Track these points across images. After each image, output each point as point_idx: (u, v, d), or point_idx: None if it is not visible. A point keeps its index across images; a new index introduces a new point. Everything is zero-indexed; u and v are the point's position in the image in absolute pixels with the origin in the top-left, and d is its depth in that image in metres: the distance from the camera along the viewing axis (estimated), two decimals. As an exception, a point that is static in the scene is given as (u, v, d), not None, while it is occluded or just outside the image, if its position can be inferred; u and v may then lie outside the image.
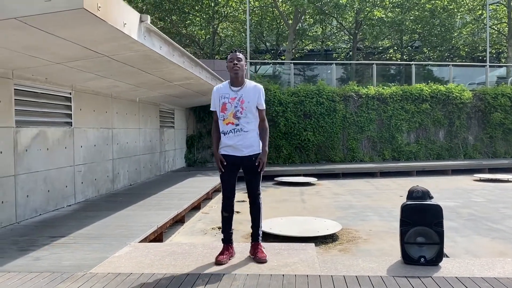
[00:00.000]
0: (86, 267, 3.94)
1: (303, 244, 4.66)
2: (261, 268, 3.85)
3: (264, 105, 4.20)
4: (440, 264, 3.88)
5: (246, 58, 4.23)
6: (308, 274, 3.69)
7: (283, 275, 3.66)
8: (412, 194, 3.98)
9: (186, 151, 15.56)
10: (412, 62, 19.10)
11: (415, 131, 16.94)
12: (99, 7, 3.99)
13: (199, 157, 15.73)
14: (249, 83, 4.15)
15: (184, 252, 4.42)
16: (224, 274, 3.70)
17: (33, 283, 3.54)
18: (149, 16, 5.25)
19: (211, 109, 4.20)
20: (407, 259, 3.91)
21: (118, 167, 9.53)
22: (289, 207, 9.01)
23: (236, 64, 4.00)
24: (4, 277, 3.69)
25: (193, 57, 8.01)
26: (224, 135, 4.09)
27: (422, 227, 3.86)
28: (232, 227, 4.29)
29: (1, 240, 5.03)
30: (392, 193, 10.81)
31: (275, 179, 13.13)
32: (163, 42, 6.06)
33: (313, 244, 4.65)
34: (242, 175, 4.21)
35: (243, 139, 4.04)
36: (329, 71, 18.16)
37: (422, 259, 3.85)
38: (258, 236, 4.23)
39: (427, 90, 16.77)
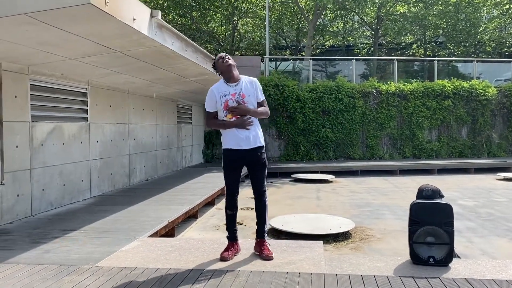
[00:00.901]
0: (93, 260, 3.99)
1: (311, 241, 4.60)
2: (265, 265, 3.82)
3: (262, 96, 4.19)
4: (449, 264, 3.77)
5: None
6: (313, 272, 3.63)
7: (286, 272, 3.62)
8: (422, 192, 3.88)
9: (203, 147, 15.62)
10: (435, 58, 18.69)
11: (437, 128, 16.59)
12: (107, 2, 4.01)
13: (217, 153, 15.77)
14: (244, 78, 4.14)
15: (191, 247, 4.43)
16: (227, 270, 3.69)
17: (39, 275, 3.59)
18: (160, 12, 5.26)
19: (207, 109, 4.15)
20: (416, 259, 3.81)
21: (135, 162, 9.63)
22: (304, 204, 8.94)
23: (228, 61, 4.02)
24: (13, 269, 3.76)
25: (207, 52, 8.01)
26: (230, 129, 4.05)
27: (431, 227, 3.75)
28: (237, 224, 4.29)
29: (16, 232, 5.14)
30: (410, 192, 10.60)
31: (292, 175, 13.06)
32: (175, 37, 6.07)
33: (321, 242, 4.59)
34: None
35: (248, 131, 4.03)
36: (350, 67, 17.93)
37: (431, 260, 3.75)
38: (263, 233, 4.20)
39: (449, 87, 16.38)
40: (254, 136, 4.07)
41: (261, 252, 4.10)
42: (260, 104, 4.16)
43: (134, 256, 4.12)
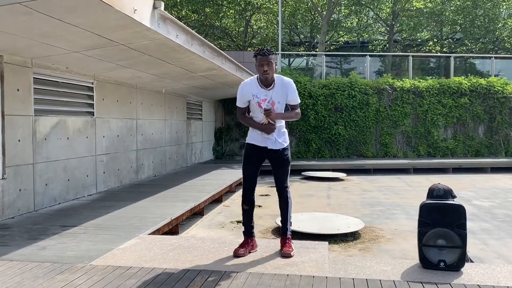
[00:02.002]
0: (88, 258, 3.86)
1: (316, 242, 4.41)
2: (266, 266, 3.64)
3: (298, 100, 4.07)
4: (461, 269, 3.54)
5: (275, 54, 4.01)
6: (315, 275, 3.44)
7: (287, 275, 3.44)
8: (432, 192, 3.65)
9: (214, 144, 15.49)
10: (451, 55, 18.23)
11: (453, 126, 16.18)
12: (104, -9, 3.86)
13: (227, 150, 15.64)
14: (278, 81, 3.98)
15: (190, 246, 4.27)
16: (225, 271, 3.52)
17: (31, 273, 3.47)
18: (162, 3, 5.09)
19: (237, 104, 4.08)
20: (425, 263, 3.59)
21: (143, 157, 9.53)
22: (313, 203, 8.73)
23: (267, 70, 3.84)
24: (6, 266, 3.65)
25: (215, 47, 7.84)
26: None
27: (442, 229, 3.53)
28: (253, 220, 4.20)
29: (16, 227, 5.05)
30: (423, 191, 10.24)
31: (303, 173, 12.85)
32: (181, 30, 5.91)
33: (327, 243, 4.39)
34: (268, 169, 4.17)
35: (277, 132, 4.01)
36: (365, 64, 17.58)
37: (442, 264, 3.52)
38: (286, 231, 4.09)
39: (466, 84, 15.95)
40: (278, 138, 4.03)
41: (281, 248, 4.03)
42: (293, 107, 4.07)
43: (131, 254, 3.98)
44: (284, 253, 3.93)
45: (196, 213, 7.23)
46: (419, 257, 3.63)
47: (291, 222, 4.17)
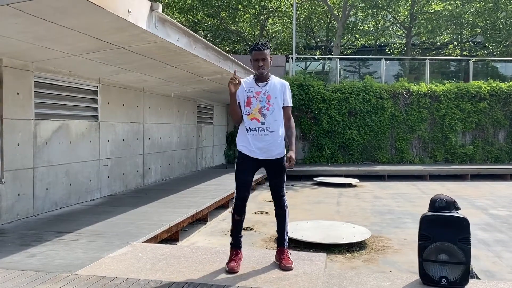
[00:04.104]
0: (75, 267, 3.74)
1: (313, 254, 4.20)
2: (256, 280, 3.45)
3: (290, 102, 3.91)
4: (465, 287, 3.30)
5: (270, 49, 3.86)
6: (306, 290, 3.25)
7: (277, 290, 3.25)
8: (434, 203, 3.41)
9: (226, 148, 15.37)
10: (470, 58, 17.72)
11: (471, 131, 15.70)
12: (94, -8, 3.76)
13: (239, 154, 15.47)
14: (274, 79, 3.89)
15: (182, 256, 4.11)
16: (212, 285, 3.35)
17: (13, 283, 3.37)
18: (160, 5, 4.98)
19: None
20: (426, 279, 3.36)
21: (150, 162, 9.45)
22: (322, 210, 8.49)
23: (262, 65, 3.73)
24: (-11, 274, 3.55)
25: (221, 50, 7.71)
26: (247, 132, 3.78)
27: (444, 243, 3.29)
28: (243, 230, 3.96)
29: (10, 233, 4.98)
30: (438, 199, 9.95)
31: (314, 179, 12.59)
32: (181, 33, 5.79)
33: (325, 254, 4.18)
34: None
35: (269, 141, 3.74)
36: (384, 68, 17.22)
37: (444, 281, 3.28)
38: (283, 242, 3.90)
39: (485, 88, 15.46)
40: (274, 149, 3.78)
41: (280, 261, 3.81)
42: (286, 110, 3.87)
43: (119, 263, 3.85)
44: (284, 266, 3.72)
45: (200, 219, 7.09)
46: (419, 273, 3.40)
47: (287, 232, 3.98)
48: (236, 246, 3.87)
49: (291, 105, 3.92)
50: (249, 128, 3.77)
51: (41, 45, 5.06)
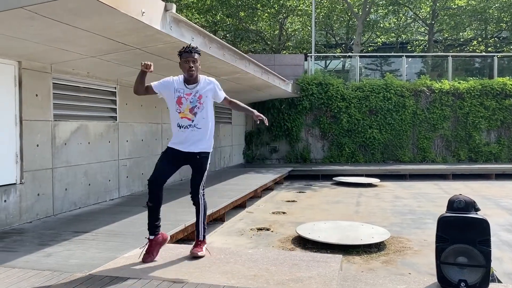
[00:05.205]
0: (89, 267, 3.76)
1: (328, 255, 4.13)
2: (269, 282, 3.40)
3: (224, 94, 4.19)
4: (486, 291, 3.18)
5: (200, 54, 4.08)
6: (320, 292, 3.18)
7: (289, 292, 3.20)
8: (453, 204, 3.30)
9: (244, 148, 15.35)
10: (494, 54, 17.24)
11: (496, 129, 15.28)
12: (106, -7, 3.77)
13: (258, 154, 15.45)
14: (202, 79, 4.08)
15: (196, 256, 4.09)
16: (224, 286, 3.31)
17: (28, 282, 3.41)
18: (174, 5, 4.98)
19: (153, 87, 4.08)
20: (444, 282, 3.25)
21: (168, 162, 9.48)
22: (340, 210, 8.38)
23: (192, 67, 3.94)
24: (6, 274, 3.60)
25: (237, 50, 7.68)
26: (180, 128, 3.97)
27: (463, 245, 3.18)
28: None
29: (29, 232, 5.06)
30: (461, 198, 9.70)
31: (334, 178, 12.45)
32: (196, 33, 5.78)
33: (341, 256, 4.10)
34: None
35: (195, 135, 3.96)
36: (406, 66, 16.92)
37: (463, 284, 3.17)
38: (198, 234, 4.15)
39: (510, 85, 15.02)
40: (198, 142, 3.99)
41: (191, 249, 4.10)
42: (227, 100, 4.23)
43: (133, 264, 3.85)
44: (192, 253, 4.01)
45: (216, 219, 7.09)
46: (437, 276, 3.29)
47: (205, 228, 4.15)
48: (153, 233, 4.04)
49: (225, 95, 4.20)
50: (181, 125, 3.96)
51: (57, 47, 5.12)
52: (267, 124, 4.26)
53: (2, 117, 5.27)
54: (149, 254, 3.93)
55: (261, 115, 4.15)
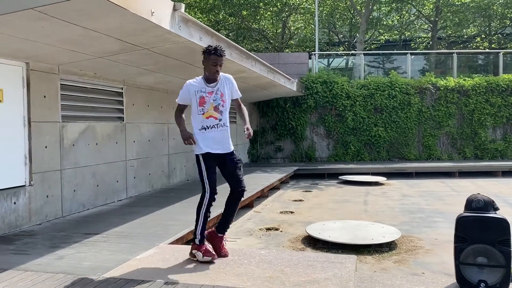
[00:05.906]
0: (103, 269, 3.73)
1: (343, 256, 4.10)
2: (284, 283, 3.37)
3: (240, 93, 4.26)
4: (506, 291, 3.14)
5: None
6: (338, 294, 3.15)
7: (307, 293, 3.16)
8: (471, 203, 3.26)
9: (249, 147, 15.31)
10: (499, 51, 17.16)
11: (502, 126, 15.21)
12: (116, -7, 3.73)
13: (262, 153, 15.41)
14: (221, 76, 4.09)
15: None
16: (241, 287, 3.28)
17: (42, 285, 3.38)
18: (183, 5, 4.94)
19: (178, 101, 4.17)
20: (463, 283, 3.21)
21: (175, 162, 9.47)
22: (348, 209, 8.34)
23: (218, 71, 3.98)
24: (19, 276, 3.58)
25: (243, 49, 7.64)
26: (206, 130, 3.96)
27: (482, 245, 3.14)
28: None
29: (40, 235, 5.04)
30: (469, 196, 9.65)
31: (340, 177, 12.40)
32: (204, 32, 5.74)
33: (355, 256, 4.06)
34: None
35: (225, 134, 4.01)
36: (410, 63, 16.83)
37: (482, 284, 3.13)
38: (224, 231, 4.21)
39: (516, 81, 14.95)
40: (230, 142, 4.11)
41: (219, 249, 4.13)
42: (237, 102, 4.27)
43: (146, 266, 3.83)
44: (224, 254, 4.08)
45: (225, 219, 7.04)
46: (456, 276, 3.26)
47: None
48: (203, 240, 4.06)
49: (241, 95, 4.26)
50: (207, 126, 3.95)
51: (66, 48, 5.09)
52: (248, 138, 4.22)
53: (10, 119, 5.25)
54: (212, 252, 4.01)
55: (250, 130, 4.12)
